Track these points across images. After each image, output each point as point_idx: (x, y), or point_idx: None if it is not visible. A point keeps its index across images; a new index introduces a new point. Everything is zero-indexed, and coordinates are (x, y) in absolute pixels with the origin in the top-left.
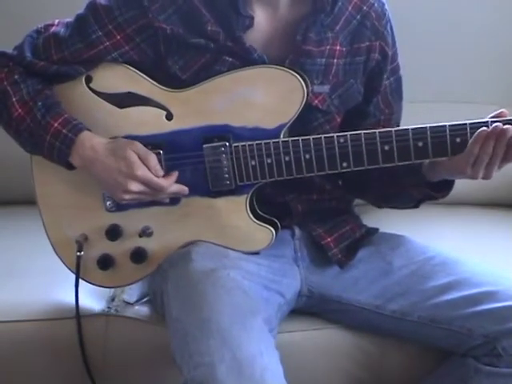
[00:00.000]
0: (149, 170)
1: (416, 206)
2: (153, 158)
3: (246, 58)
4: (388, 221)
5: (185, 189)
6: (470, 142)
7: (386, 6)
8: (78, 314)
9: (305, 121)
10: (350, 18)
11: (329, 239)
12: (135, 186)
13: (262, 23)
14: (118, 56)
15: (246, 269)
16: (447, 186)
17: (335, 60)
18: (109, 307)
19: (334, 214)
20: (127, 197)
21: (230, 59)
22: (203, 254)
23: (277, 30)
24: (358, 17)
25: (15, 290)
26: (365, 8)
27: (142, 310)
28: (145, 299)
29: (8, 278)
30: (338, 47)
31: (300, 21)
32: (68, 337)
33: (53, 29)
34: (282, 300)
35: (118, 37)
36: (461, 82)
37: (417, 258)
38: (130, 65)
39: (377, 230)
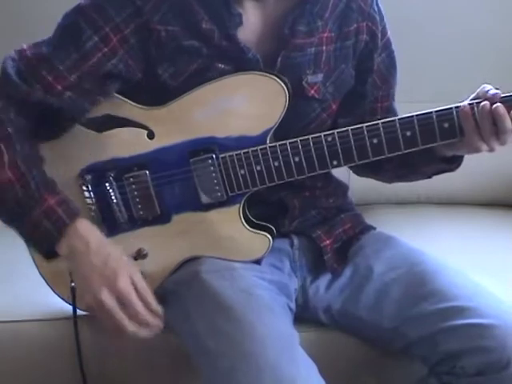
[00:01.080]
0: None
1: (429, 177)
2: (149, 292)
3: (239, 59)
4: (387, 220)
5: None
6: (461, 121)
7: None
8: (78, 342)
9: (303, 113)
10: (337, 2)
11: (327, 242)
12: (107, 298)
13: (252, 21)
14: (117, 62)
15: (255, 283)
16: (459, 156)
17: (324, 47)
18: None
19: (332, 213)
20: (93, 304)
21: (222, 66)
22: (213, 273)
23: (267, 26)
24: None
25: (15, 291)
26: None
27: None
28: None
29: (8, 279)
30: (326, 34)
31: (286, 15)
32: (68, 337)
33: (28, 53)
34: (290, 311)
35: (114, 39)
36: (461, 82)
37: (397, 265)
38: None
39: (373, 228)
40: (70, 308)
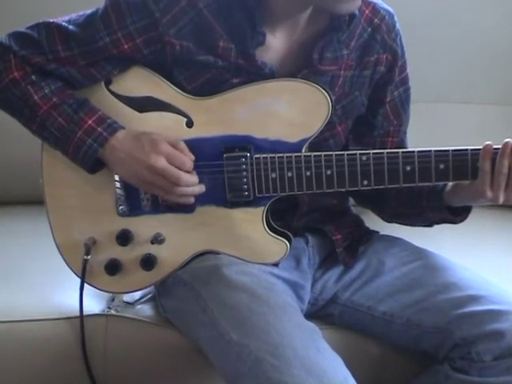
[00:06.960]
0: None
1: (429, 225)
2: (182, 143)
3: (256, 74)
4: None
5: (202, 188)
6: (480, 158)
7: (396, 18)
8: (81, 320)
9: None
10: (362, 32)
11: (338, 236)
12: (156, 159)
13: (277, 42)
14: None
15: (273, 281)
16: (466, 209)
17: (342, 72)
18: (109, 307)
19: (337, 215)
20: (147, 175)
21: (237, 80)
22: (233, 268)
23: (291, 49)
24: (369, 30)
25: (15, 290)
26: (376, 21)
27: (142, 309)
28: (145, 299)
29: (8, 278)
30: (347, 61)
31: (315, 39)
32: (68, 337)
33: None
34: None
35: (126, 46)
36: (460, 82)
37: (408, 260)
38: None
39: (377, 232)
40: (71, 308)
